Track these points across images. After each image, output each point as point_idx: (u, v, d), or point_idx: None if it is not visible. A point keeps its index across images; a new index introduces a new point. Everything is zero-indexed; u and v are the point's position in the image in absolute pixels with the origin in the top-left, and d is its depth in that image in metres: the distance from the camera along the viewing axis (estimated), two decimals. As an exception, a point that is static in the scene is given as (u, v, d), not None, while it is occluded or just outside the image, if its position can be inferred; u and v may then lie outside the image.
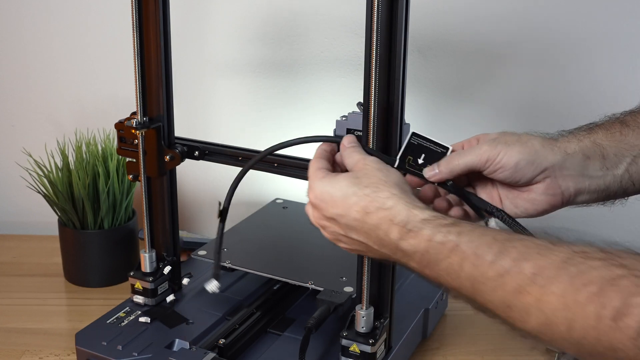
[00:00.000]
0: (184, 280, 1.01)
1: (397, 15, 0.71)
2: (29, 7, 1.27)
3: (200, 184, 1.35)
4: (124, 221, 1.15)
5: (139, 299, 0.97)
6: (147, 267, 0.96)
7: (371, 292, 0.81)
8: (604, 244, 0.51)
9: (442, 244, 0.57)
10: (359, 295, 0.82)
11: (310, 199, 0.69)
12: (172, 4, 0.89)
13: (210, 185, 1.35)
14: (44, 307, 1.09)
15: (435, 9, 1.23)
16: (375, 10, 0.69)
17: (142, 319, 0.92)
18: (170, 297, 0.98)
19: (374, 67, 0.71)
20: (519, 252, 0.53)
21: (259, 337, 0.91)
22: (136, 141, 0.92)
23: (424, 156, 0.71)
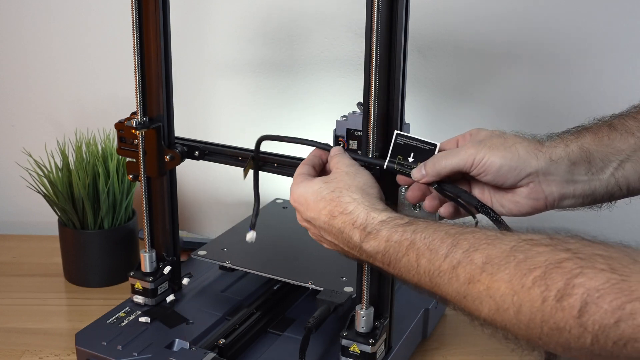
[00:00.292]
0: (184, 280, 1.01)
1: (397, 15, 0.71)
2: (29, 7, 1.27)
3: (200, 184, 1.35)
4: (124, 221, 1.15)
5: (139, 299, 0.97)
6: (147, 267, 0.97)
7: (371, 292, 0.81)
8: (552, 231, 0.52)
9: (399, 242, 0.61)
10: (359, 295, 0.82)
11: (291, 202, 0.73)
12: (172, 4, 0.89)
13: (210, 185, 1.35)
14: (44, 307, 1.09)
15: (435, 9, 1.23)
16: (375, 10, 0.69)
17: (142, 319, 0.92)
18: (170, 297, 0.98)
19: (374, 67, 0.72)
20: (470, 243, 0.55)
21: (259, 337, 0.91)
22: (136, 141, 0.92)
23: (413, 154, 0.71)
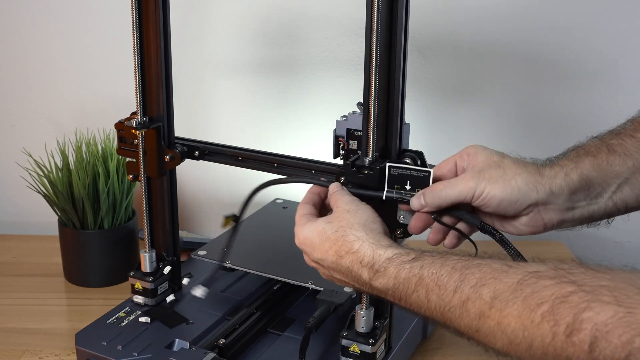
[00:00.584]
0: (184, 280, 1.01)
1: (397, 15, 0.71)
2: (29, 7, 1.27)
3: (200, 184, 1.35)
4: (124, 221, 1.15)
5: (139, 299, 0.97)
6: (147, 267, 0.97)
7: (371, 292, 0.81)
8: (557, 261, 0.52)
9: (408, 279, 0.61)
10: (359, 295, 0.82)
11: (297, 244, 0.73)
12: (172, 4, 0.89)
13: (210, 185, 1.35)
14: (44, 307, 1.09)
15: (435, 9, 1.23)
16: (375, 10, 0.69)
17: (142, 319, 0.92)
18: (170, 297, 0.98)
19: (374, 67, 0.71)
20: (477, 278, 0.55)
21: (259, 337, 0.91)
22: (136, 141, 0.92)
23: (409, 182, 0.72)
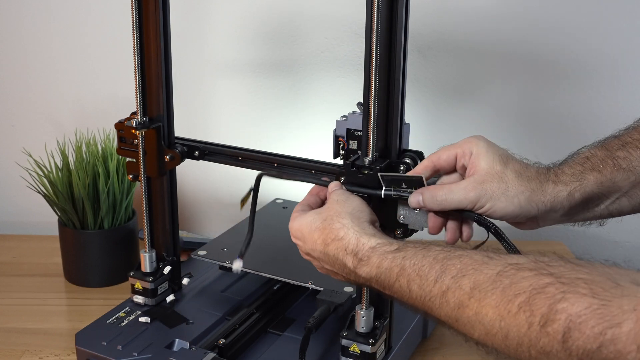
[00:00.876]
0: (184, 280, 1.01)
1: (397, 15, 0.71)
2: (29, 7, 1.27)
3: (200, 184, 1.35)
4: (124, 221, 1.15)
5: (139, 299, 0.97)
6: (147, 267, 0.96)
7: (371, 292, 0.81)
8: (538, 254, 0.53)
9: (390, 269, 0.62)
10: (359, 295, 0.82)
11: (292, 239, 0.74)
12: (172, 4, 0.89)
13: (210, 185, 1.35)
14: (44, 307, 1.09)
15: (435, 9, 1.23)
16: (375, 10, 0.69)
17: (142, 319, 0.92)
18: (170, 297, 0.98)
19: (374, 67, 0.71)
20: (457, 269, 0.56)
21: (259, 337, 0.91)
22: (136, 141, 0.92)
23: (404, 184, 0.72)
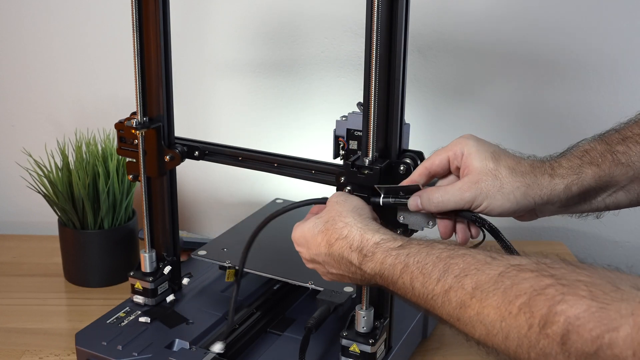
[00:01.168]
0: (184, 280, 1.01)
1: (397, 15, 0.71)
2: (29, 7, 1.27)
3: (200, 184, 1.35)
4: (124, 221, 1.15)
5: (139, 299, 0.97)
6: (147, 267, 0.97)
7: (371, 292, 0.81)
8: (540, 255, 0.53)
9: (393, 266, 0.62)
10: (359, 295, 0.82)
11: (296, 248, 0.74)
12: (172, 4, 0.89)
13: (210, 185, 1.35)
14: (44, 307, 1.09)
15: (435, 9, 1.23)
16: (375, 10, 0.69)
17: (142, 319, 0.92)
18: (170, 297, 0.98)
19: (374, 67, 0.71)
20: (460, 268, 0.56)
21: (259, 337, 0.91)
22: (136, 141, 0.92)
23: (401, 193, 0.72)
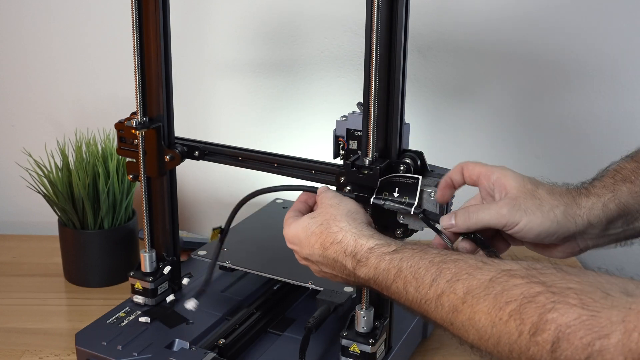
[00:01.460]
0: (184, 280, 1.01)
1: (397, 15, 0.71)
2: (29, 7, 1.27)
3: (200, 184, 1.35)
4: (124, 221, 1.15)
5: (139, 299, 0.97)
6: (147, 267, 0.96)
7: (371, 292, 0.81)
8: (531, 261, 0.53)
9: (387, 270, 0.62)
10: (359, 295, 0.82)
11: (288, 245, 0.74)
12: (172, 4, 0.89)
13: (210, 185, 1.35)
14: (44, 307, 1.09)
15: (435, 9, 1.23)
16: (375, 10, 0.69)
17: (142, 319, 0.92)
18: (170, 297, 0.98)
19: (374, 67, 0.71)
20: (452, 273, 0.56)
21: (259, 337, 0.91)
22: (136, 141, 0.92)
23: (397, 189, 0.72)
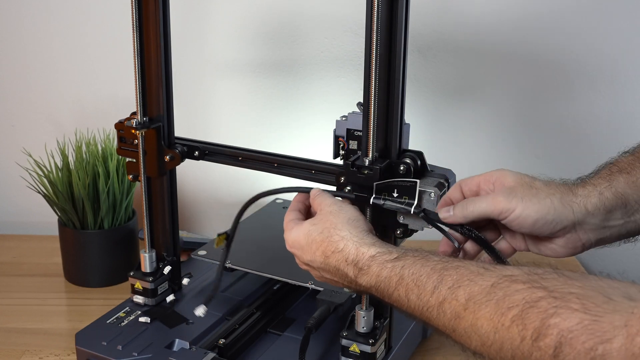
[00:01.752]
0: (184, 280, 1.01)
1: (397, 15, 0.71)
2: (29, 7, 1.27)
3: (200, 184, 1.35)
4: (124, 221, 1.15)
5: (139, 299, 0.97)
6: (147, 267, 0.97)
7: (371, 292, 0.81)
8: (532, 266, 0.53)
9: (389, 278, 0.62)
10: (358, 295, 0.82)
11: (288, 249, 0.74)
12: (172, 4, 0.89)
13: (210, 185, 1.35)
14: (44, 307, 1.09)
15: (435, 9, 1.23)
16: (375, 10, 0.69)
17: (142, 319, 0.92)
18: (170, 297, 0.98)
19: (374, 67, 0.71)
20: (454, 280, 0.56)
21: (259, 337, 0.91)
22: (136, 141, 0.92)
23: (396, 190, 0.72)
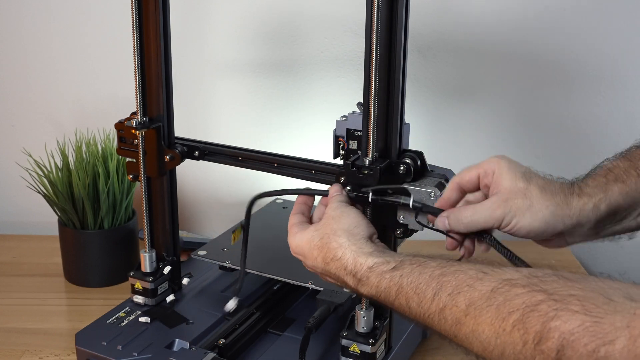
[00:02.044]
0: (184, 280, 1.01)
1: (397, 15, 0.71)
2: (29, 7, 1.27)
3: (200, 184, 1.35)
4: (124, 221, 1.15)
5: (139, 299, 0.97)
6: (147, 267, 0.96)
7: (371, 292, 0.81)
8: (532, 269, 0.53)
9: (388, 288, 0.62)
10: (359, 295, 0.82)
11: (292, 254, 0.74)
12: (172, 4, 0.89)
13: (210, 185, 1.35)
14: (44, 307, 1.09)
15: (435, 9, 1.23)
16: (375, 10, 0.69)
17: (142, 319, 0.92)
18: (170, 297, 0.98)
19: (374, 67, 0.71)
20: (453, 286, 0.56)
21: (259, 337, 0.91)
22: (136, 141, 0.92)
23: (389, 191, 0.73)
